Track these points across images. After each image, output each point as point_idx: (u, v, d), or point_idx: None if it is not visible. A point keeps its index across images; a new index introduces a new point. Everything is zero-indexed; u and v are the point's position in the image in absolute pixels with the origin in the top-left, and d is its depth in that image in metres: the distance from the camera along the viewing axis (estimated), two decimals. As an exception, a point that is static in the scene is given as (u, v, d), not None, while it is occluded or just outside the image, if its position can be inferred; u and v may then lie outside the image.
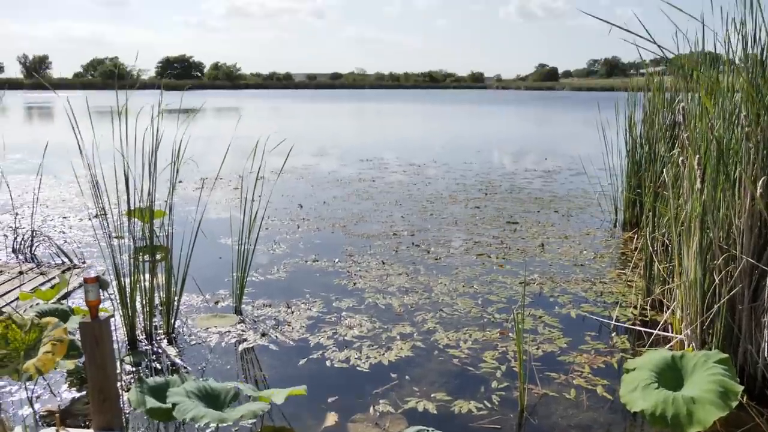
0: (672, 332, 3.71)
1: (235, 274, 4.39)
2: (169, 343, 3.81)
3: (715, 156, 3.31)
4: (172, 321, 3.94)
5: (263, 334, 3.92)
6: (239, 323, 4.11)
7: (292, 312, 4.31)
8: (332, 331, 3.99)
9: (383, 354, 3.65)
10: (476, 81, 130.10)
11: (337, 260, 5.56)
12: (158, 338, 3.85)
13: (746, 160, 3.18)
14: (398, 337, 3.90)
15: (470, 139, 19.30)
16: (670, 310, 3.80)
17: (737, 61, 3.51)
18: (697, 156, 3.40)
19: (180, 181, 9.06)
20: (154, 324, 3.87)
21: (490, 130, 23.65)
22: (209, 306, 4.42)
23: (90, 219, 6.78)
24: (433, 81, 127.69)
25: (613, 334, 3.96)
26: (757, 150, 3.15)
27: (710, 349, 3.13)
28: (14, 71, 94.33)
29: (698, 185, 3.37)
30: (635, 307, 4.38)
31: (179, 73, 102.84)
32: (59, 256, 5.43)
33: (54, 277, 4.74)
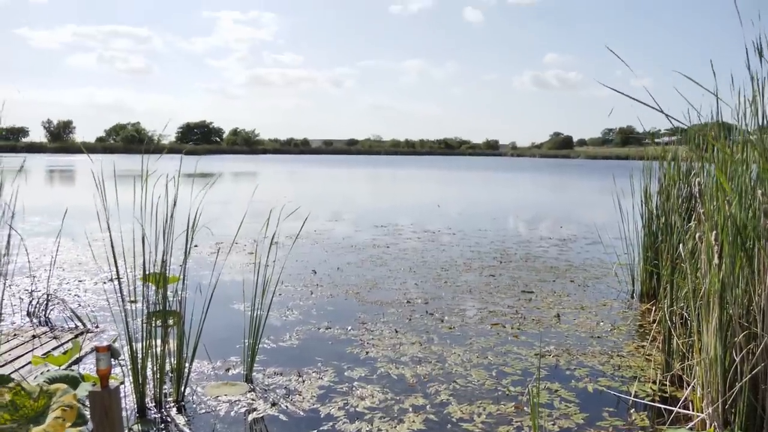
0: (693, 410, 3.59)
1: (246, 340, 4.36)
2: (179, 411, 3.75)
3: (732, 232, 3.30)
4: (182, 389, 3.89)
5: (273, 404, 3.85)
6: (249, 392, 4.05)
7: (303, 381, 4.24)
8: (343, 401, 3.91)
9: (395, 427, 3.56)
10: (491, 148, 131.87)
11: (349, 328, 5.51)
12: (168, 406, 3.79)
13: (764, 236, 3.15)
14: (410, 409, 3.81)
15: (485, 205, 19.40)
16: (690, 387, 3.69)
17: (751, 135, 3.55)
18: (714, 232, 3.38)
19: (195, 245, 9.15)
20: (164, 391, 3.83)
21: (505, 197, 23.79)
22: (220, 373, 4.37)
23: (105, 283, 6.82)
24: (449, 148, 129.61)
25: (632, 411, 3.84)
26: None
27: (733, 430, 3.02)
28: (38, 135, 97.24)
29: (716, 261, 3.34)
30: (654, 383, 4.26)
31: (199, 138, 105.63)
32: (73, 320, 5.44)
33: (67, 342, 4.73)
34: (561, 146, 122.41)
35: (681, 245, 4.28)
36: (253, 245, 9.40)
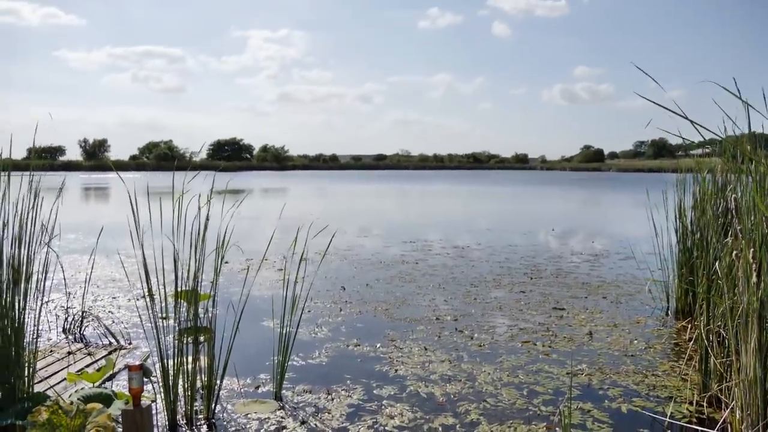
0: (733, 433, 3.48)
1: (275, 357, 4.38)
2: (209, 429, 3.78)
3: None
4: (213, 406, 3.92)
5: (302, 422, 3.85)
6: (279, 410, 4.06)
7: (333, 399, 4.24)
8: (372, 420, 3.89)
9: (424, 447, 3.52)
10: (520, 162, 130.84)
11: (378, 345, 5.50)
12: (198, 423, 3.83)
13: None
14: (440, 429, 3.77)
15: (515, 220, 19.23)
16: (729, 409, 3.58)
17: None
18: (752, 249, 3.30)
19: (226, 262, 9.24)
20: (194, 408, 3.86)
21: (535, 212, 23.55)
22: (249, 391, 4.39)
23: (138, 299, 6.94)
24: (477, 162, 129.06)
25: (668, 432, 3.74)
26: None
27: (776, 455, 2.93)
28: (75, 154, 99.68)
29: (754, 279, 3.25)
30: (691, 403, 4.14)
31: (230, 155, 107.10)
32: (107, 337, 5.54)
33: (101, 358, 4.82)
34: (592, 159, 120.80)
35: (717, 262, 4.18)
36: (282, 261, 9.47)
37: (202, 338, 4.01)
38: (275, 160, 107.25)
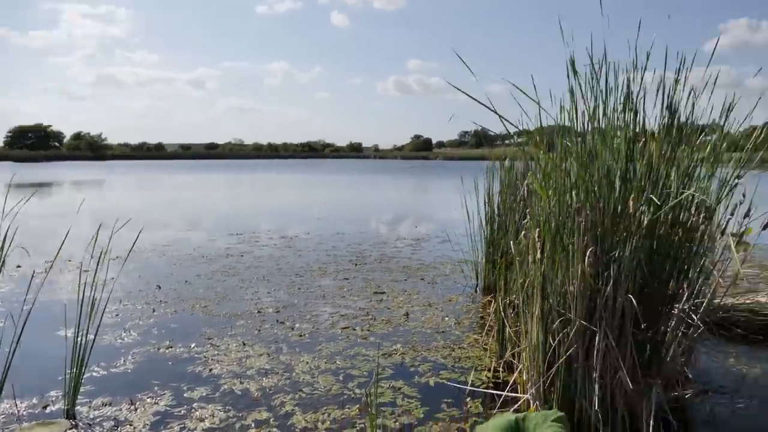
0: (520, 393, 3.83)
1: (69, 371, 3.96)
2: (-19, 459, 3.32)
3: (552, 229, 3.55)
4: (-15, 433, 3.45)
5: (98, 438, 3.53)
6: (70, 429, 3.67)
7: (136, 409, 3.94)
8: (180, 426, 3.68)
9: (234, 447, 3.40)
10: (355, 150, 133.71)
11: (193, 345, 5.23)
12: (-33, 455, 3.34)
13: (577, 233, 3.42)
14: (253, 425, 3.68)
15: (346, 209, 19.53)
16: (518, 372, 3.93)
17: (569, 142, 3.83)
18: (537, 229, 3.63)
19: (18, 266, 8.26)
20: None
21: (365, 199, 24.14)
22: (35, 412, 3.91)
23: None
24: (312, 151, 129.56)
25: (468, 399, 4.00)
26: (585, 224, 3.41)
27: (551, 407, 3.28)
28: None
29: (538, 255, 3.57)
30: (489, 370, 4.49)
31: (34, 143, 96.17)
32: None
33: None
34: (421, 148, 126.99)
35: (511, 243, 4.54)
36: (89, 262, 8.66)
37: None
38: (90, 148, 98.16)
